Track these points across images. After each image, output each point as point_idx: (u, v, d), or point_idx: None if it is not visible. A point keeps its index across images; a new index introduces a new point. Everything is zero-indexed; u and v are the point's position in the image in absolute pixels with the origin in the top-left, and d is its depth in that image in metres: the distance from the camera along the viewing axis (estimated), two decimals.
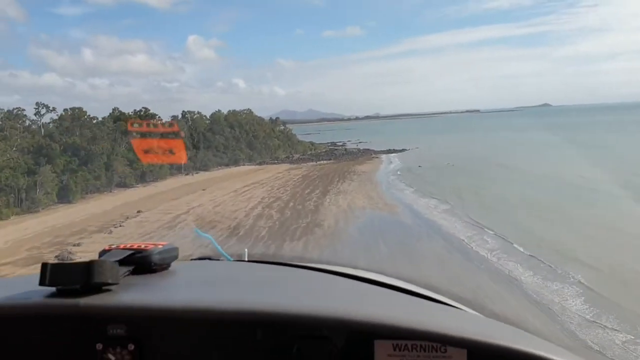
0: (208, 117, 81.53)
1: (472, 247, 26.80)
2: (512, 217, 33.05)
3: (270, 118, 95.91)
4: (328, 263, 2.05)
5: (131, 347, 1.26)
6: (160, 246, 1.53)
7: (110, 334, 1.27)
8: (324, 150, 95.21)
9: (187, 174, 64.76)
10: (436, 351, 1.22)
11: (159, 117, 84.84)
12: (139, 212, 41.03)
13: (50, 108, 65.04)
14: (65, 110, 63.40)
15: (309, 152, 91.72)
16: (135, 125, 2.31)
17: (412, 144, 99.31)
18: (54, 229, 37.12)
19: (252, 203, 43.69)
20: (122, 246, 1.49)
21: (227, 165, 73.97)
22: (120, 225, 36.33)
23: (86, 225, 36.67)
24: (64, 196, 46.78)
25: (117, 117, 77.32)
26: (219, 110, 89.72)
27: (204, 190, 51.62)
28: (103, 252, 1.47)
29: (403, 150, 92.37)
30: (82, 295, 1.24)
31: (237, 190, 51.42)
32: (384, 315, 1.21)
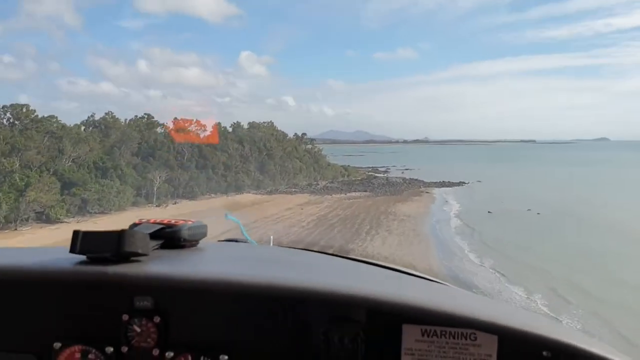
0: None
1: None
2: None
3: (296, 134, 77.40)
4: (350, 253, 1.95)
5: (157, 319, 1.25)
6: (190, 222, 1.49)
7: (136, 306, 1.26)
8: (359, 178, 75.40)
9: (158, 205, 46.87)
10: (465, 338, 1.18)
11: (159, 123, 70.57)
12: None
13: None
14: (3, 107, 46.90)
15: (340, 179, 72.62)
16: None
17: (470, 175, 77.84)
18: None
19: None
20: (152, 220, 1.45)
21: (224, 192, 55.65)
22: None
23: None
24: None
25: (92, 124, 61.37)
26: (238, 122, 73.07)
27: None
28: (133, 226, 1.42)
29: (460, 183, 71.88)
30: (112, 264, 1.23)
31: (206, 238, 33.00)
32: (414, 298, 1.18)
